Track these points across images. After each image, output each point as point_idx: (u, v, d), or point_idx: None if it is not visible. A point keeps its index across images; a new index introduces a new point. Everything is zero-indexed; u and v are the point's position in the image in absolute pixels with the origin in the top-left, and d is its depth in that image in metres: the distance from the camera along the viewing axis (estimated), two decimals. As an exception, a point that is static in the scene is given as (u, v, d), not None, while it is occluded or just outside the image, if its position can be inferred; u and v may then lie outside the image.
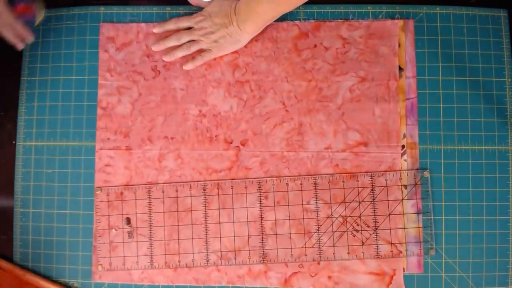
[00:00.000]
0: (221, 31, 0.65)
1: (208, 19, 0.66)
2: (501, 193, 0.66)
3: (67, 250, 0.67)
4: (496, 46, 0.68)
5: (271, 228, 0.66)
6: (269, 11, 0.62)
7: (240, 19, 0.63)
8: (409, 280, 0.65)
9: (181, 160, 0.68)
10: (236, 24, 0.64)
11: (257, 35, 0.68)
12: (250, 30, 0.65)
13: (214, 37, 0.66)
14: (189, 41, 0.68)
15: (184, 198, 0.67)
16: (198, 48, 0.68)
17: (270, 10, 0.61)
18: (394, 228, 0.65)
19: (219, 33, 0.65)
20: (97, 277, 0.66)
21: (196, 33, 0.67)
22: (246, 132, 0.68)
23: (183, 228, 0.66)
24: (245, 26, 0.64)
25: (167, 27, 0.69)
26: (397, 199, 0.66)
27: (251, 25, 0.64)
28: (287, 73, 0.68)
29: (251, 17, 0.63)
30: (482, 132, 0.67)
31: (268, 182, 0.66)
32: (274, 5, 0.60)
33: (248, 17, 0.63)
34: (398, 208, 0.65)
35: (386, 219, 0.65)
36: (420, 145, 0.67)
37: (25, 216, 0.68)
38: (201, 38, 0.67)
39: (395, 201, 0.66)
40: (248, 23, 0.64)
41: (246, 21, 0.63)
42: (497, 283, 0.65)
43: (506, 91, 0.68)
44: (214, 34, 0.66)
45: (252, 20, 0.63)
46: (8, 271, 0.67)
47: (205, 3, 0.67)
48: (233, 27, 0.64)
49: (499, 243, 0.65)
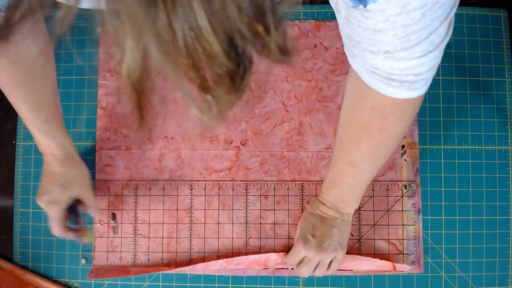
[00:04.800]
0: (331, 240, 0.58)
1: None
2: (501, 193, 0.66)
3: (67, 250, 0.67)
4: (496, 46, 0.68)
5: (271, 228, 0.66)
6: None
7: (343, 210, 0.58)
8: (409, 280, 0.65)
9: (181, 160, 0.68)
10: (341, 219, 0.58)
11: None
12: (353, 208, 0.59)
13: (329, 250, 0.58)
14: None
15: (184, 198, 0.67)
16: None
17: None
18: (393, 225, 0.65)
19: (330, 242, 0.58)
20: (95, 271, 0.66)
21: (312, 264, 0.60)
22: (246, 132, 0.68)
23: (181, 228, 0.66)
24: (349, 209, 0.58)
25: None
26: (397, 200, 0.66)
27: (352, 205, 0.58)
28: (287, 73, 0.68)
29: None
30: (482, 132, 0.67)
31: (268, 184, 0.66)
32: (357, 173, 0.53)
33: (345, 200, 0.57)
34: (397, 208, 0.65)
35: (386, 220, 0.65)
36: (420, 145, 0.67)
37: (25, 216, 0.68)
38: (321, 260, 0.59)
39: (395, 201, 0.66)
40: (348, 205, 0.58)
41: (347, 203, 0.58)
42: (497, 283, 0.64)
43: (506, 91, 0.68)
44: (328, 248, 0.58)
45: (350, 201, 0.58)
46: (8, 271, 0.67)
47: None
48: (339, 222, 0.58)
49: (499, 243, 0.65)
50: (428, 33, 0.35)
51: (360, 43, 0.38)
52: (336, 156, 0.54)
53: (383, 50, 0.37)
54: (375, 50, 0.37)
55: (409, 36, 0.34)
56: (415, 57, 0.37)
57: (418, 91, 0.41)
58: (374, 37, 0.36)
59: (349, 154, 0.51)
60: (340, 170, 0.54)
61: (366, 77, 0.42)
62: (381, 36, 0.35)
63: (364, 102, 0.45)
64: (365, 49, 0.38)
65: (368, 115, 0.46)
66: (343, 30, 0.39)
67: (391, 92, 0.41)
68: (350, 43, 0.40)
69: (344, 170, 0.53)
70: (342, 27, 0.39)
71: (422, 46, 0.36)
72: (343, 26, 0.38)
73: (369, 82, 0.42)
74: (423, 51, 0.36)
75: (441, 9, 0.33)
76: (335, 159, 0.54)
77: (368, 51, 0.38)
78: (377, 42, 0.36)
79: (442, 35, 0.37)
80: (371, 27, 0.34)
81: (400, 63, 0.38)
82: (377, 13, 0.33)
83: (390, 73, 0.39)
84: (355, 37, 0.38)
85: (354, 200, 0.57)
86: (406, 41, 0.35)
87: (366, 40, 0.37)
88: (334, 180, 0.56)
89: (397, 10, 0.32)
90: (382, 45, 0.36)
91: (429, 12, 0.32)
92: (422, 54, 0.37)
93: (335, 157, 0.54)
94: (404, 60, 0.37)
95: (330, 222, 0.58)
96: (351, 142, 0.50)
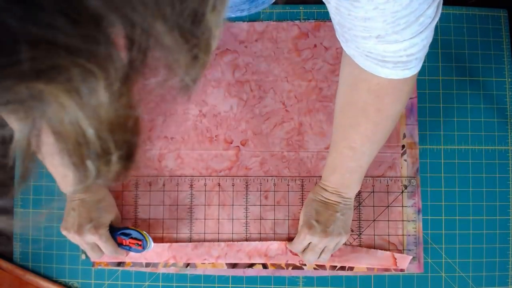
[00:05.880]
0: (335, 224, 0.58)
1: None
2: (501, 193, 0.66)
3: (67, 250, 0.67)
4: (496, 46, 0.68)
5: (271, 228, 0.66)
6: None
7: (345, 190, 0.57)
8: (409, 280, 0.65)
9: (181, 160, 0.67)
10: (343, 202, 0.58)
11: (257, 35, 0.68)
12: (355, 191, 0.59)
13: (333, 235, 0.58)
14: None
15: (185, 196, 0.67)
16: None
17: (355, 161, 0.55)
18: (393, 221, 0.65)
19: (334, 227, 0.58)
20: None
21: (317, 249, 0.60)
22: (246, 132, 0.68)
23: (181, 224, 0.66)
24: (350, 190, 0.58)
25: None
26: (397, 200, 0.66)
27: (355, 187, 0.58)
28: (287, 73, 0.68)
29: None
30: (482, 132, 0.67)
31: (269, 181, 0.67)
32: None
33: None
34: (397, 204, 0.65)
35: (386, 216, 0.65)
36: (420, 145, 0.67)
37: (25, 216, 0.68)
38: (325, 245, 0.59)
39: (394, 202, 0.66)
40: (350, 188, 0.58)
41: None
42: (497, 283, 0.64)
43: (506, 91, 0.68)
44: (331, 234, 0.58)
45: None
46: (8, 271, 0.67)
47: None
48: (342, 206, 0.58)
49: (499, 243, 0.65)
50: (417, 16, 0.36)
51: (352, 30, 0.39)
52: (334, 141, 0.54)
53: (374, 35, 0.38)
54: (366, 36, 0.38)
55: (398, 20, 0.36)
56: (406, 39, 0.38)
57: (412, 70, 0.43)
58: (365, 24, 0.37)
59: (348, 138, 0.52)
60: (340, 154, 0.54)
61: (360, 60, 0.43)
62: (372, 23, 0.36)
63: (361, 85, 0.46)
64: (356, 35, 0.39)
65: (365, 97, 0.47)
66: (334, 18, 0.41)
67: (386, 73, 0.42)
68: (342, 29, 0.41)
69: (344, 154, 0.53)
70: (333, 15, 0.40)
71: (412, 28, 0.37)
72: (333, 14, 0.40)
73: (364, 65, 0.43)
74: (413, 32, 0.38)
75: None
76: (334, 145, 0.55)
77: (359, 37, 0.39)
78: (368, 28, 0.37)
79: (431, 16, 0.38)
80: (361, 15, 0.36)
81: (392, 45, 0.39)
82: (366, 2, 0.34)
83: (383, 56, 0.40)
84: (346, 24, 0.39)
85: (355, 184, 0.57)
86: (396, 25, 0.36)
87: (357, 27, 0.38)
88: (334, 165, 0.56)
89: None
90: (373, 31, 0.37)
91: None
92: (413, 35, 0.38)
93: (333, 143, 0.55)
94: (396, 42, 0.38)
95: (333, 207, 0.58)
96: (349, 126, 0.51)
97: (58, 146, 0.21)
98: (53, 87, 0.18)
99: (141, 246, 0.61)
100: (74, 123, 0.20)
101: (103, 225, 0.60)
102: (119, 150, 0.22)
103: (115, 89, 0.20)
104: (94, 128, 0.20)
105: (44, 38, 0.17)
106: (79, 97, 0.19)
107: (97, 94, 0.19)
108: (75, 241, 0.61)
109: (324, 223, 0.58)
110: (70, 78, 0.18)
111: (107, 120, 0.20)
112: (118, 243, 0.62)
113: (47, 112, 0.19)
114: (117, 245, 0.61)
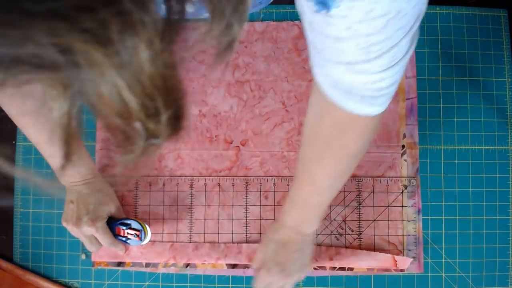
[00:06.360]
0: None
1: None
2: (501, 193, 0.66)
3: (67, 250, 0.67)
4: (496, 46, 0.68)
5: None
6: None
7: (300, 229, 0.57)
8: (409, 280, 0.65)
9: (181, 160, 0.67)
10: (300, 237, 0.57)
11: (257, 35, 0.68)
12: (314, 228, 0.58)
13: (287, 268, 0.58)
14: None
15: (185, 196, 0.67)
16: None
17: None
18: (393, 221, 0.65)
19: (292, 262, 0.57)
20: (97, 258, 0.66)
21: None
22: (246, 132, 0.68)
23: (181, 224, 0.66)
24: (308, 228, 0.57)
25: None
26: (397, 200, 0.66)
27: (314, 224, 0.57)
28: (287, 73, 0.68)
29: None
30: (482, 132, 0.67)
31: (269, 181, 0.66)
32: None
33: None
34: (397, 204, 0.65)
35: (386, 216, 0.65)
36: (420, 145, 0.67)
37: (25, 216, 0.68)
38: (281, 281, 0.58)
39: (394, 202, 0.66)
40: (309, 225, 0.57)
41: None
42: (497, 283, 0.64)
43: (506, 91, 0.68)
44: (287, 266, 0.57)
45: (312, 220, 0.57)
46: (8, 271, 0.67)
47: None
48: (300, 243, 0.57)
49: (499, 243, 0.65)
50: (390, 46, 0.34)
51: (323, 52, 0.37)
52: (297, 174, 0.53)
53: (344, 60, 0.36)
54: (336, 60, 0.36)
55: (371, 47, 0.34)
56: (375, 72, 0.36)
57: (379, 107, 0.41)
58: (336, 46, 0.35)
59: (311, 172, 0.50)
60: (302, 188, 0.52)
61: (328, 89, 0.41)
62: (343, 45, 0.34)
63: (326, 118, 0.45)
64: (327, 58, 0.37)
65: (329, 131, 0.45)
66: (308, 36, 0.38)
67: (351, 108, 0.40)
68: (313, 51, 0.39)
69: (306, 189, 0.52)
70: (307, 33, 0.38)
71: (383, 59, 0.35)
72: (308, 31, 0.38)
73: (331, 95, 0.41)
74: (384, 65, 0.36)
75: (405, 19, 0.32)
76: (296, 177, 0.53)
77: (330, 61, 0.37)
78: (338, 51, 0.35)
79: (404, 50, 0.36)
80: (333, 34, 0.34)
81: (361, 76, 0.37)
82: (340, 19, 0.32)
83: (351, 87, 0.38)
84: (317, 45, 0.37)
85: (316, 220, 0.56)
86: (367, 52, 0.34)
87: (328, 49, 0.36)
88: (295, 200, 0.54)
89: (360, 17, 0.31)
90: (343, 55, 0.35)
91: (392, 21, 0.32)
92: (383, 68, 0.36)
93: (296, 176, 0.53)
94: (365, 73, 0.36)
95: (292, 245, 0.57)
96: (312, 159, 0.49)
97: (98, 122, 0.21)
98: (89, 42, 0.17)
99: (139, 237, 0.61)
100: (115, 94, 0.19)
101: (100, 217, 0.60)
102: (167, 110, 0.22)
103: (156, 46, 0.19)
104: (137, 95, 0.20)
105: None
106: (119, 60, 0.18)
107: (138, 52, 0.18)
108: (73, 233, 0.61)
109: (283, 264, 0.56)
110: (108, 28, 0.17)
111: (150, 82, 0.20)
112: (116, 234, 0.62)
113: (85, 84, 0.19)
114: (114, 237, 0.61)
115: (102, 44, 0.18)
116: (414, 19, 0.34)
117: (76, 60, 0.18)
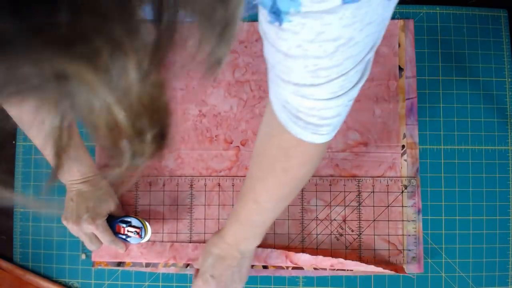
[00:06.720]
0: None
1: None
2: (501, 193, 0.66)
3: (67, 250, 0.67)
4: (496, 46, 0.68)
5: (271, 228, 0.66)
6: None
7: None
8: (409, 280, 0.65)
9: (181, 160, 0.68)
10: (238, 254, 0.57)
11: (257, 35, 0.68)
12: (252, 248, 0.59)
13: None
14: None
15: (185, 196, 0.67)
16: None
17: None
18: (393, 221, 0.65)
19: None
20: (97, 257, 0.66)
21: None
22: (246, 132, 0.68)
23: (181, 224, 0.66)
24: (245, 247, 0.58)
25: None
26: (397, 200, 0.66)
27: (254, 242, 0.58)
28: (287, 73, 0.68)
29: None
30: (482, 132, 0.67)
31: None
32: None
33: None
34: (397, 204, 0.65)
35: (386, 216, 0.65)
36: (420, 145, 0.67)
37: (25, 216, 0.68)
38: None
39: (394, 202, 0.66)
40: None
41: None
42: (497, 283, 0.64)
43: (506, 91, 0.68)
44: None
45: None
46: (8, 271, 0.67)
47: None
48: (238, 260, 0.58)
49: (499, 243, 0.65)
50: (339, 74, 0.33)
51: (274, 67, 0.36)
52: (242, 190, 0.53)
53: (293, 81, 0.35)
54: (286, 79, 0.35)
55: (319, 71, 0.33)
56: (322, 98, 0.35)
57: (322, 137, 0.40)
58: (286, 63, 0.34)
59: (255, 191, 0.50)
60: (245, 205, 0.52)
61: (278, 109, 0.40)
62: (292, 64, 0.33)
63: (273, 138, 0.44)
64: (277, 75, 0.36)
65: (275, 152, 0.45)
66: (263, 48, 0.37)
67: (296, 132, 0.40)
68: (268, 65, 0.38)
69: (248, 207, 0.52)
70: (264, 43, 0.37)
71: (331, 86, 0.34)
72: (264, 42, 0.36)
73: (280, 116, 0.40)
74: (331, 93, 0.35)
75: (356, 48, 0.32)
76: (241, 194, 0.53)
77: (280, 78, 0.36)
78: (288, 69, 0.34)
79: (353, 81, 0.35)
80: (284, 49, 0.33)
81: (307, 101, 0.36)
82: (291, 35, 0.31)
83: (297, 110, 0.38)
84: (270, 59, 0.36)
85: (256, 238, 0.57)
86: (315, 76, 0.33)
87: (279, 65, 0.35)
88: (238, 215, 0.54)
89: (310, 37, 0.30)
90: (292, 74, 0.35)
91: (342, 48, 0.31)
92: (330, 96, 0.35)
93: (241, 192, 0.53)
94: (311, 98, 0.36)
95: (230, 261, 0.57)
96: (258, 178, 0.49)
97: (89, 134, 0.22)
98: (81, 65, 0.18)
99: (139, 234, 0.61)
100: (104, 108, 0.20)
101: (100, 215, 0.60)
102: (152, 129, 0.23)
103: (144, 67, 0.20)
104: (125, 111, 0.20)
105: (85, 2, 0.17)
106: (108, 78, 0.19)
107: (127, 73, 0.19)
108: (73, 232, 0.61)
109: (219, 277, 0.57)
110: (99, 54, 0.18)
111: (137, 100, 0.20)
112: (116, 232, 0.62)
113: (76, 98, 0.19)
114: (114, 235, 0.61)
115: (93, 66, 0.18)
116: (367, 49, 0.33)
117: (67, 77, 0.18)
